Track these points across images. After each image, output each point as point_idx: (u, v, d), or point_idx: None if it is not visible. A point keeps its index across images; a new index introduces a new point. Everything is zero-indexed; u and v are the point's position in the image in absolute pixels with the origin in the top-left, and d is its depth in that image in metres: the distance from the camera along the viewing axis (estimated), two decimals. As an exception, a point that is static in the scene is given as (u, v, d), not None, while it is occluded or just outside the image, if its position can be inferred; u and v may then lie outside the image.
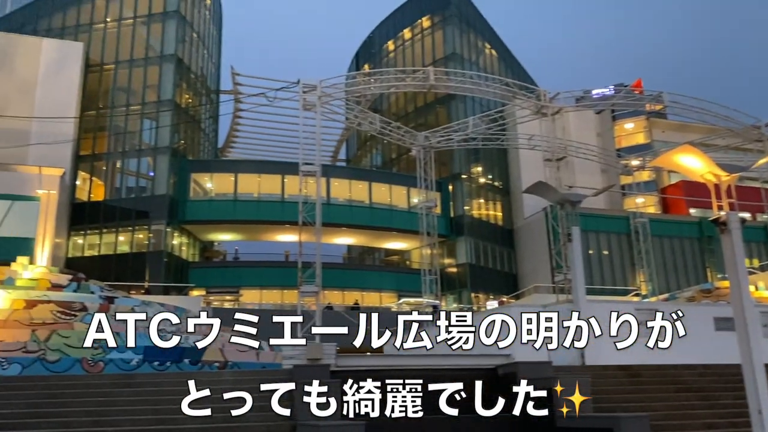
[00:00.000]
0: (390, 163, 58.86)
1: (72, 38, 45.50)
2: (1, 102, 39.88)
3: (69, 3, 47.86)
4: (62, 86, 41.93)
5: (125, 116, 44.81)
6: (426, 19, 57.68)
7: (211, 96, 54.80)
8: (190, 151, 48.03)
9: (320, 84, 28.31)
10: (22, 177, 35.12)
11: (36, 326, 18.37)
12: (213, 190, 47.19)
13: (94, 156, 44.55)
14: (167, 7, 46.09)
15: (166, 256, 41.72)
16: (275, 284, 45.50)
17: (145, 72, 45.38)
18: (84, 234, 42.65)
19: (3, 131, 38.57)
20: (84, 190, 43.93)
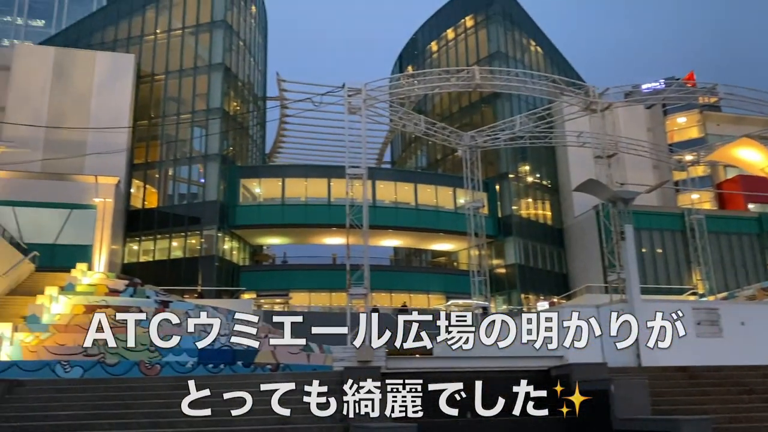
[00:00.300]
0: (435, 164, 58.67)
1: (124, 50, 46.94)
2: (58, 114, 41.44)
3: (121, 16, 49.40)
4: (115, 97, 43.28)
5: (176, 125, 45.96)
6: (469, 19, 57.30)
7: (258, 103, 55.72)
8: (238, 158, 48.93)
9: (365, 87, 28.44)
10: (79, 186, 36.40)
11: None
12: (261, 195, 47.93)
13: (148, 164, 45.83)
14: (214, 16, 47.10)
15: (218, 260, 42.57)
16: (323, 287, 45.90)
17: (195, 81, 46.46)
18: (139, 240, 43.91)
19: (61, 142, 40.05)
20: (138, 197, 45.24)
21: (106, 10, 52.32)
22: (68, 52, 44.21)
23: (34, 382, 13.46)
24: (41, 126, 39.84)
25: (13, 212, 33.99)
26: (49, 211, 34.95)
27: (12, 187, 34.99)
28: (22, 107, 41.05)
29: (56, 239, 34.60)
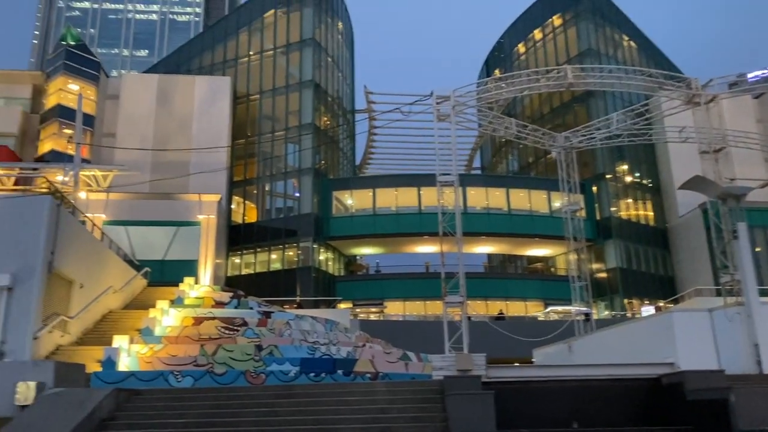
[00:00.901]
0: (527, 167, 57.47)
1: (220, 74, 49.29)
2: (163, 137, 44.04)
3: (216, 42, 51.94)
4: (214, 118, 45.49)
5: (271, 142, 47.65)
6: (557, 18, 55.94)
7: (347, 116, 56.79)
8: (330, 171, 50.02)
9: (453, 94, 28.29)
10: (185, 204, 38.44)
11: (204, 341, 19.88)
12: (353, 207, 48.71)
13: (246, 181, 47.76)
14: (303, 35, 48.56)
15: (314, 271, 43.59)
16: (418, 295, 45.92)
17: (287, 99, 48.04)
18: (240, 254, 45.74)
19: (167, 164, 42.49)
20: (238, 213, 47.20)
21: (203, 37, 55.22)
22: (170, 79, 46.93)
23: (150, 392, 14.24)
24: (148, 149, 42.46)
25: (126, 231, 36.31)
26: (158, 229, 37.13)
27: (124, 208, 37.44)
28: (130, 132, 43.97)
29: (165, 255, 36.66)
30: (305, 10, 49.43)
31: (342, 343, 21.72)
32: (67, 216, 21.53)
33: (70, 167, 35.07)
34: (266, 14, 50.86)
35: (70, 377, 13.36)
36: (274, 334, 21.18)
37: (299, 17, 49.43)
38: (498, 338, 29.16)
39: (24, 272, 18.79)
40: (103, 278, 25.04)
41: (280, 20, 50.25)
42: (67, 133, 40.46)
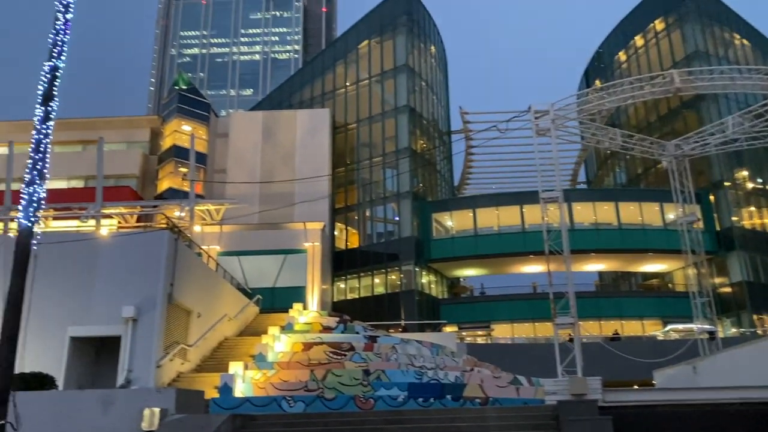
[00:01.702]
0: (636, 179, 54.87)
1: (320, 106, 50.96)
2: (269, 170, 45.93)
3: (315, 76, 53.86)
4: (315, 149, 46.96)
5: (369, 168, 48.48)
6: (659, 22, 53.51)
7: (444, 138, 56.83)
8: (429, 193, 50.08)
9: (552, 107, 27.60)
10: (291, 233, 39.76)
11: (313, 366, 20.26)
12: (454, 228, 48.39)
13: (347, 208, 48.77)
14: (397, 62, 49.32)
15: (418, 294, 43.54)
16: (526, 317, 44.70)
17: (383, 125, 48.80)
18: (345, 279, 46.56)
19: (273, 195, 44.21)
20: (341, 239, 48.19)
21: (302, 72, 57.43)
22: (274, 114, 49.08)
23: (264, 417, 14.61)
24: (255, 182, 44.42)
25: (239, 261, 37.97)
26: (267, 257, 38.57)
27: (236, 239, 39.23)
28: (239, 167, 46.23)
29: (275, 283, 37.96)
30: (398, 38, 50.27)
31: (449, 367, 21.43)
32: (184, 249, 22.80)
33: (186, 203, 37.29)
34: (361, 45, 52.20)
35: (190, 403, 13.97)
36: (380, 359, 21.24)
37: (392, 45, 50.32)
38: (614, 360, 27.72)
39: (147, 304, 20.03)
40: (218, 307, 26.24)
41: (374, 50, 51.37)
42: (183, 171, 43.12)
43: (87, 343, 20.88)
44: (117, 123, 48.64)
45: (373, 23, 52.30)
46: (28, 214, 16.95)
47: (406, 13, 50.97)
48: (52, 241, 19.83)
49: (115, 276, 20.61)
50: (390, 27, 50.98)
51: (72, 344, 20.07)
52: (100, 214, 34.20)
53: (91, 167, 40.40)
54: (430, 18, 55.45)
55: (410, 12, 51.48)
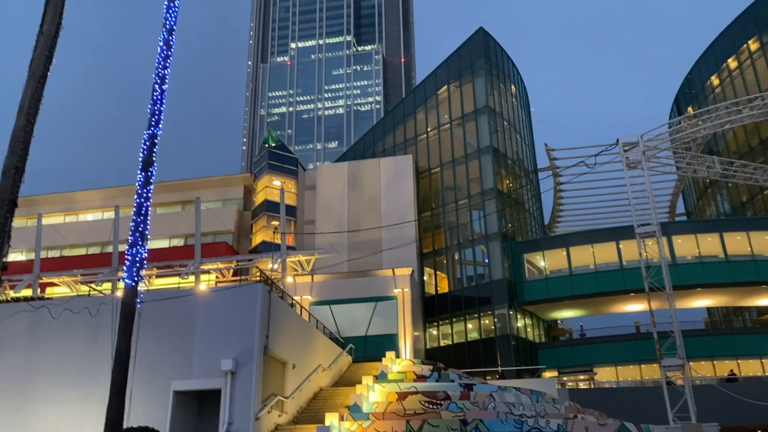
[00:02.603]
0: (741, 207, 51.56)
1: (402, 153, 51.62)
2: (356, 218, 46.68)
3: (396, 124, 54.82)
4: (400, 195, 47.38)
5: (456, 211, 48.24)
6: (753, 42, 50.99)
7: (530, 176, 55.90)
8: (518, 233, 49.08)
9: (641, 139, 26.63)
10: (380, 280, 39.88)
11: (409, 417, 19.90)
12: (547, 268, 46.96)
13: (435, 252, 48.53)
14: (477, 104, 49.40)
15: (513, 338, 42.27)
16: (630, 359, 42.35)
17: (467, 167, 48.65)
18: (437, 325, 45.98)
19: (361, 243, 44.77)
20: (431, 284, 47.85)
21: (384, 122, 58.61)
22: (358, 164, 50.12)
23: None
24: (343, 231, 45.21)
25: (330, 310, 38.41)
26: (358, 305, 38.80)
27: (327, 288, 39.79)
28: (327, 217, 47.29)
29: (367, 331, 38.00)
30: (477, 80, 50.48)
31: (551, 415, 20.45)
32: (277, 301, 23.30)
33: (278, 255, 38.34)
34: (440, 91, 52.78)
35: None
36: (478, 408, 20.59)
37: (472, 88, 50.55)
38: (731, 403, 25.58)
39: (244, 356, 20.50)
40: (312, 357, 26.49)
41: (454, 94, 51.77)
42: (274, 224, 44.56)
43: (190, 396, 21.54)
44: (213, 182, 51.15)
45: (451, 68, 52.87)
46: (132, 274, 17.92)
47: (483, 55, 51.24)
48: (155, 299, 20.82)
49: (214, 330, 21.31)
50: (468, 70, 51.34)
51: (176, 398, 20.75)
52: (199, 270, 35.73)
53: (190, 226, 42.54)
54: (509, 58, 55.43)
55: (488, 54, 51.72)
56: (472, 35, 53.00)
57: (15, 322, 22.28)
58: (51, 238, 45.25)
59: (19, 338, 22.44)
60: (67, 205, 51.68)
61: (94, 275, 37.25)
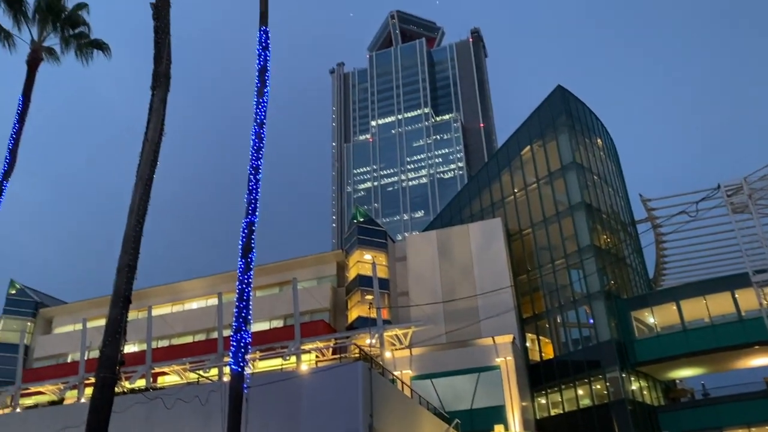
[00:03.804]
0: None
1: (491, 216, 51.11)
2: (449, 287, 46.13)
3: (481, 188, 54.64)
4: (493, 260, 46.57)
5: (553, 272, 46.73)
6: None
7: (628, 229, 53.68)
8: (622, 290, 46.78)
9: (745, 181, 25.13)
10: (481, 349, 38.72)
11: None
12: (657, 325, 44.18)
13: (535, 316, 46.87)
14: (564, 161, 48.57)
15: (629, 403, 39.56)
16: (763, 419, 38.50)
17: (560, 226, 47.41)
18: (545, 393, 43.82)
19: (456, 312, 44.03)
20: (534, 350, 45.98)
21: (469, 187, 58.61)
22: (446, 231, 49.98)
23: None
24: (438, 302, 44.70)
25: (432, 384, 37.51)
26: (460, 377, 37.69)
27: (427, 361, 39.02)
28: (420, 288, 47.02)
29: (472, 404, 36.67)
30: (560, 137, 49.87)
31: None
32: (378, 377, 23.07)
33: (375, 330, 38.24)
34: (523, 151, 52.45)
35: None
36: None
37: (556, 146, 49.91)
38: None
39: (350, 436, 20.23)
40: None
41: (538, 153, 51.26)
42: (368, 299, 44.75)
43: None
44: (306, 262, 52.40)
45: (532, 128, 52.62)
46: (237, 360, 18.36)
47: (565, 112, 50.78)
48: (260, 383, 21.12)
49: (318, 410, 21.27)
50: (550, 128, 50.90)
51: (285, 483, 20.64)
52: (299, 351, 36.13)
53: (288, 306, 43.46)
54: (591, 112, 54.61)
55: (569, 110, 51.21)
56: (551, 93, 52.82)
57: (132, 413, 23.17)
58: (160, 328, 47.42)
59: (136, 429, 23.26)
60: (174, 296, 54.26)
61: (201, 362, 38.43)
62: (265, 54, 22.86)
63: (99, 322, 49.12)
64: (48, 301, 60.25)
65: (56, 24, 27.18)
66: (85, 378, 40.51)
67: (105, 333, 14.89)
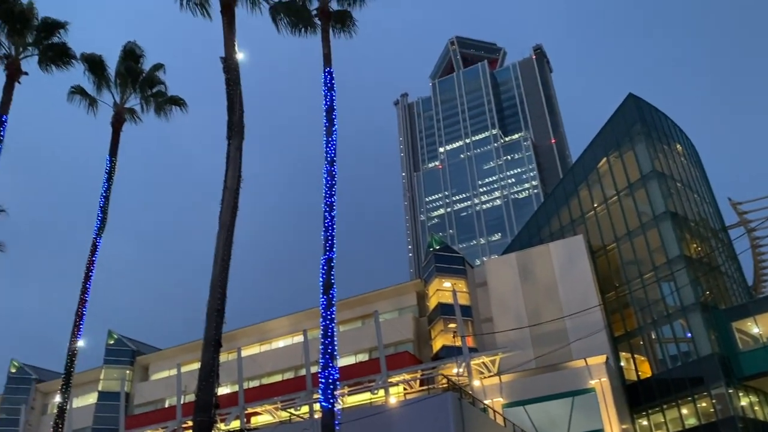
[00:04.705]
0: None
1: (571, 234, 49.63)
2: (534, 310, 44.90)
3: (559, 205, 53.29)
4: (578, 279, 45.08)
5: (643, 287, 44.73)
6: None
7: (720, 235, 50.88)
8: (719, 301, 44.15)
9: None
10: (573, 372, 37.32)
11: None
12: (763, 335, 41.27)
13: (628, 334, 44.81)
14: (643, 171, 46.80)
15: (740, 420, 36.96)
16: None
17: (645, 238, 45.47)
18: (646, 414, 41.60)
19: (544, 335, 42.72)
20: (630, 369, 43.89)
21: (546, 205, 57.36)
22: (526, 253, 48.88)
23: None
24: (524, 327, 43.57)
25: (525, 411, 36.38)
26: (554, 403, 36.38)
27: (517, 388, 37.93)
28: (504, 313, 46.03)
29: (568, 429, 35.27)
30: (638, 146, 48.17)
31: None
32: (468, 407, 22.62)
33: (461, 359, 37.65)
34: (599, 165, 50.96)
35: None
36: None
37: (633, 155, 48.22)
38: None
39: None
40: (515, 464, 24.98)
41: (615, 165, 49.66)
42: (452, 327, 44.17)
43: None
44: (386, 293, 52.43)
45: (607, 140, 51.15)
46: (327, 396, 18.47)
47: (639, 120, 49.12)
48: (351, 419, 21.10)
49: (410, 444, 20.99)
50: (626, 138, 49.30)
51: None
52: (387, 384, 36.00)
53: (372, 339, 43.52)
54: (667, 118, 52.57)
55: (643, 118, 49.50)
56: (623, 102, 51.33)
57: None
58: (250, 369, 48.47)
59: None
60: (261, 335, 55.44)
61: (292, 401, 38.91)
62: (330, 94, 23.43)
63: (192, 366, 50.82)
64: (143, 349, 62.84)
65: (135, 85, 28.93)
66: (182, 422, 41.80)
67: (199, 377, 15.34)
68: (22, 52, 26.71)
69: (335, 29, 25.57)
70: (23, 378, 63.96)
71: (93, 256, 26.12)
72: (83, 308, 25.20)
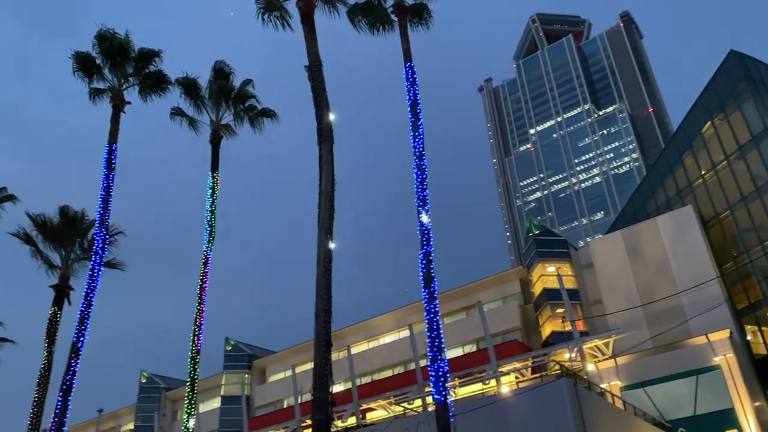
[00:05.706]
0: None
1: (679, 205, 46.98)
2: (646, 288, 42.89)
3: (663, 176, 50.57)
4: (690, 252, 42.64)
5: (764, 254, 41.69)
6: None
7: None
8: None
9: None
10: (694, 350, 35.41)
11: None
12: None
13: (753, 306, 41.90)
14: (754, 131, 43.58)
15: None
16: None
17: (762, 203, 42.32)
18: (781, 391, 38.79)
19: (660, 313, 40.75)
20: (758, 343, 41.01)
21: (649, 178, 54.62)
22: (632, 230, 46.78)
23: None
24: (636, 306, 41.77)
25: (645, 392, 34.92)
26: (675, 383, 34.68)
27: (635, 370, 36.47)
28: (614, 293, 44.30)
29: (695, 410, 33.54)
30: (745, 106, 44.90)
31: None
32: (584, 392, 22.03)
33: (573, 344, 36.68)
34: (704, 129, 47.95)
35: None
36: None
37: (741, 116, 44.99)
38: None
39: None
40: (639, 449, 24.07)
41: (721, 128, 46.53)
42: (560, 312, 43.09)
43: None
44: (488, 283, 51.88)
45: (710, 102, 48.03)
46: (439, 389, 18.58)
47: (744, 78, 45.76)
48: (465, 411, 21.12)
49: (527, 431, 20.73)
50: (731, 98, 46.09)
51: None
52: (498, 374, 35.68)
53: (478, 330, 43.25)
54: (776, 71, 48.66)
55: (749, 75, 46.05)
56: (724, 60, 48.02)
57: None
58: (360, 366, 49.51)
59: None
60: (368, 332, 56.50)
61: (404, 395, 39.39)
62: (413, 89, 23.51)
63: (306, 366, 52.61)
64: (258, 353, 65.71)
65: (228, 102, 30.32)
66: (301, 421, 43.37)
67: (313, 377, 15.90)
68: (124, 83, 28.68)
69: (412, 23, 25.61)
70: (153, 387, 68.71)
71: (206, 268, 27.64)
72: (201, 318, 26.73)
